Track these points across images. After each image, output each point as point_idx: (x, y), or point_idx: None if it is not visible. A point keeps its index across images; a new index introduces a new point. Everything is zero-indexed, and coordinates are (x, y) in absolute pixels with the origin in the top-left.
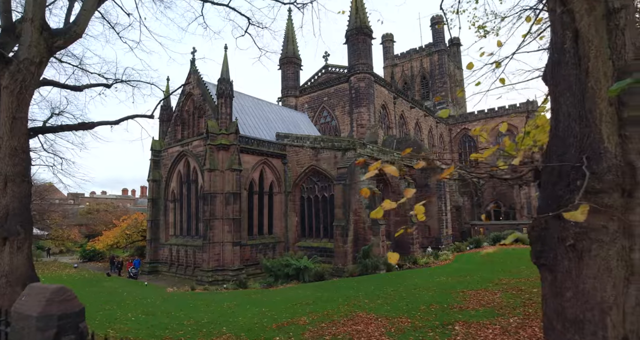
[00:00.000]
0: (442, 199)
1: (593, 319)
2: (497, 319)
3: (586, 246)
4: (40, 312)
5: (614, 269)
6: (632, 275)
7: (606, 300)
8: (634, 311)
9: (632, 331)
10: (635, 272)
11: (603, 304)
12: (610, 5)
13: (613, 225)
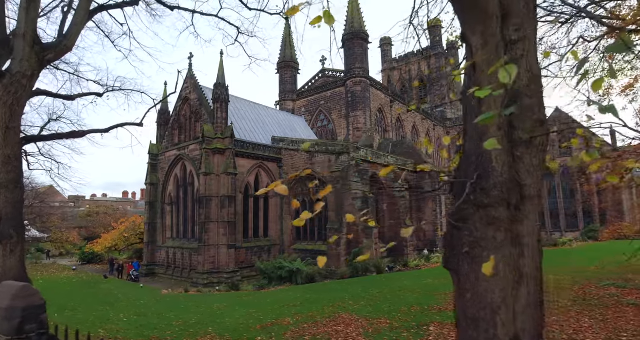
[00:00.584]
0: (437, 202)
1: (486, 317)
2: None
3: (478, 253)
4: (8, 305)
5: (501, 273)
6: (521, 279)
7: (495, 301)
8: (524, 311)
9: (523, 330)
10: (524, 276)
11: (493, 305)
12: (507, 38)
13: (500, 235)
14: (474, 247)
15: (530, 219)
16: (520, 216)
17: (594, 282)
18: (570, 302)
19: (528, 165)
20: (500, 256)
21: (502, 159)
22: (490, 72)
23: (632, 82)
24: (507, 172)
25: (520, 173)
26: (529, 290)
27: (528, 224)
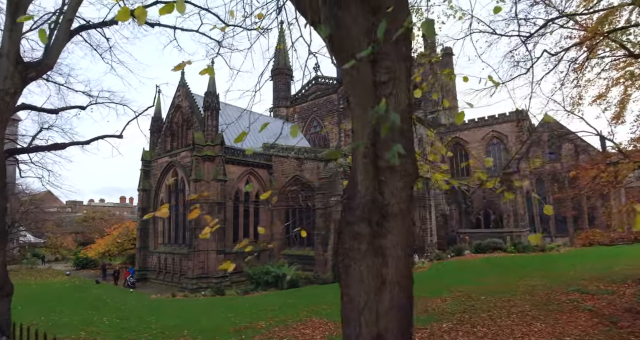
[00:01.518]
0: (426, 207)
1: (354, 318)
2: (432, 324)
3: (347, 262)
4: None
5: (365, 279)
6: (384, 285)
7: (360, 303)
8: (388, 313)
9: (386, 329)
10: (386, 282)
11: (359, 307)
12: (377, 79)
13: (363, 247)
14: (345, 257)
15: (395, 233)
16: (383, 231)
17: (563, 288)
18: (528, 306)
19: (392, 188)
20: (364, 265)
21: (365, 183)
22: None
23: (604, 92)
24: (370, 194)
25: (385, 195)
26: (392, 294)
27: (392, 238)
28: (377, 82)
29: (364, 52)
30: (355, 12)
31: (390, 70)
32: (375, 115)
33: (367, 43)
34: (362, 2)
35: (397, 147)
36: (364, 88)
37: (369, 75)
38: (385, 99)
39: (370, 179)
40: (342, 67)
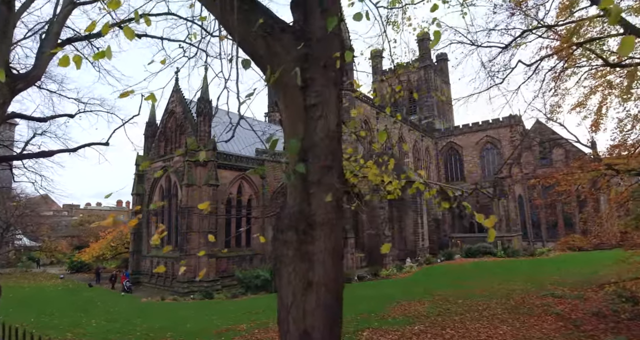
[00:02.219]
0: (418, 212)
1: (284, 316)
2: (406, 326)
3: (278, 266)
4: None
5: (292, 281)
6: (310, 286)
7: (288, 303)
8: (314, 312)
9: (312, 326)
10: (313, 284)
11: (287, 306)
12: (307, 102)
13: (291, 253)
14: (277, 261)
15: (322, 240)
16: (310, 239)
17: (540, 292)
18: (500, 310)
19: (319, 199)
20: (292, 269)
21: (293, 196)
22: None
23: (584, 100)
24: (298, 205)
25: (312, 206)
26: (319, 295)
27: (319, 244)
28: (307, 106)
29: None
30: (288, 42)
31: (320, 94)
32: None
33: (298, 70)
34: (293, 34)
35: (325, 162)
36: (295, 110)
37: (300, 99)
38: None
39: (299, 192)
40: (275, 92)
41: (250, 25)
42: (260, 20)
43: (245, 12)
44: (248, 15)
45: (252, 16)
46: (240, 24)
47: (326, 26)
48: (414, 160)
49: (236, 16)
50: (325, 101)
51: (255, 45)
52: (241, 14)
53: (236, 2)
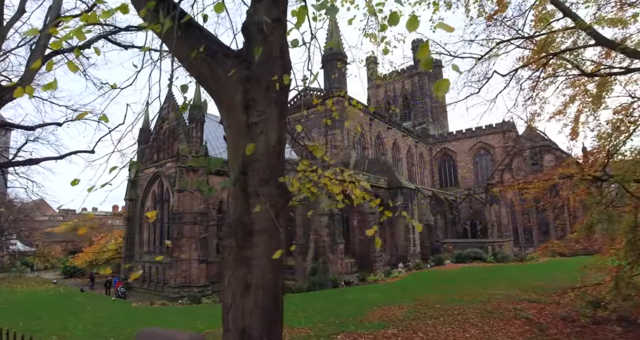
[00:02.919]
0: None
1: (224, 315)
2: (380, 330)
3: (221, 270)
4: None
5: (232, 284)
6: (248, 288)
7: (228, 303)
8: (252, 312)
9: (250, 325)
10: (251, 286)
11: (227, 306)
12: (250, 120)
13: (231, 257)
14: (221, 265)
15: (260, 246)
16: (248, 245)
17: (518, 296)
18: (474, 314)
19: (259, 210)
20: (231, 272)
21: (234, 205)
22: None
23: (563, 108)
24: (238, 214)
25: (252, 215)
26: (257, 297)
27: (257, 250)
28: (249, 124)
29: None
30: (231, 66)
31: (261, 113)
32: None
33: (241, 91)
34: (237, 58)
35: (263, 175)
36: (238, 128)
37: (243, 118)
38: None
39: (240, 203)
40: (220, 111)
41: (194, 51)
42: (202, 48)
43: (189, 40)
44: (192, 43)
45: (196, 43)
46: (185, 50)
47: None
48: (408, 165)
49: (175, 42)
50: (267, 120)
51: (200, 69)
52: (185, 41)
53: (176, 33)
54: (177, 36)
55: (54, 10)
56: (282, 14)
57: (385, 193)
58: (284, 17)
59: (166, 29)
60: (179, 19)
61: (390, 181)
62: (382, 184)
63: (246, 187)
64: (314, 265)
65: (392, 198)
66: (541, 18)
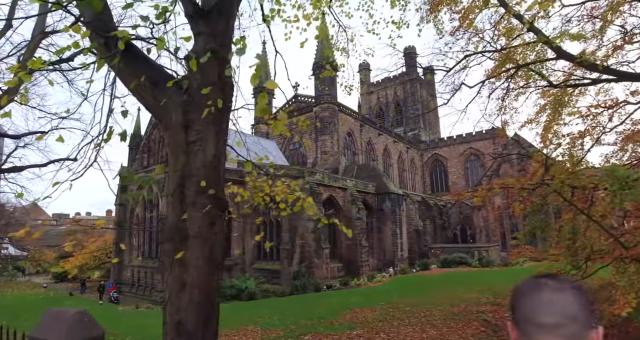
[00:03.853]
0: (397, 223)
1: (164, 310)
2: (346, 331)
3: (161, 270)
4: None
5: (169, 282)
6: (184, 287)
7: (166, 299)
8: (187, 307)
9: (186, 319)
10: (186, 285)
11: (166, 301)
12: (189, 139)
13: (169, 260)
14: (161, 266)
15: (196, 250)
16: (184, 248)
17: (490, 299)
18: (439, 316)
19: (194, 217)
20: (169, 272)
21: (172, 213)
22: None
23: (534, 117)
24: (175, 222)
25: (189, 222)
26: (191, 295)
27: (192, 253)
28: (188, 141)
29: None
30: (172, 92)
31: (199, 132)
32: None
33: (180, 113)
34: (177, 84)
35: (198, 187)
36: (178, 145)
37: (183, 136)
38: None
39: (177, 211)
40: (162, 130)
41: (139, 79)
42: (143, 77)
43: (135, 70)
44: (137, 73)
45: (141, 73)
46: (131, 79)
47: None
48: (400, 171)
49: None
50: (204, 138)
51: (144, 95)
52: (131, 72)
53: (122, 65)
54: (124, 67)
55: (38, 26)
56: (220, 46)
57: (374, 198)
58: (222, 48)
59: (114, 63)
60: (125, 50)
61: (379, 187)
62: (370, 189)
63: (183, 198)
64: (297, 269)
65: (380, 203)
66: (506, 32)
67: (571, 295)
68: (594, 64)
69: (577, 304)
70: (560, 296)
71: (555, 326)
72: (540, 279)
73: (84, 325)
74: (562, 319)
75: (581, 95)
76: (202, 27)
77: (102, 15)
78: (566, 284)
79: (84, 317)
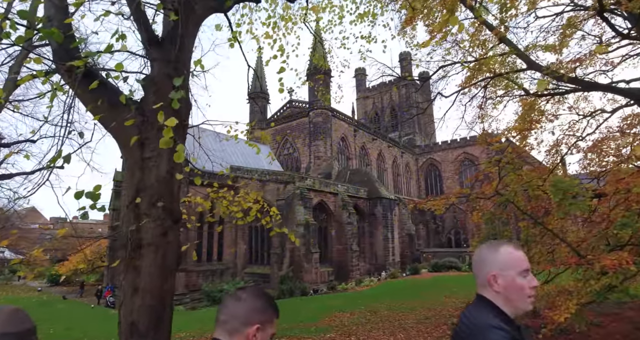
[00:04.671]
0: (388, 227)
1: (119, 310)
2: (320, 334)
3: (118, 276)
4: None
5: (124, 286)
6: (136, 291)
7: (121, 301)
8: (139, 309)
9: (138, 320)
10: (139, 289)
11: (120, 304)
12: (144, 155)
13: (123, 266)
14: (117, 269)
15: (149, 257)
16: (138, 256)
17: (462, 304)
18: (412, 320)
19: (147, 228)
20: (122, 277)
21: (126, 224)
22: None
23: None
24: (129, 231)
25: (142, 232)
26: (144, 299)
27: (146, 260)
28: (144, 158)
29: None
30: (126, 114)
31: (153, 149)
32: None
33: (137, 132)
34: (133, 105)
35: (151, 200)
36: (134, 161)
37: (138, 153)
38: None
39: (131, 221)
40: (120, 148)
41: (96, 102)
42: (99, 101)
43: (95, 94)
44: (97, 96)
45: (99, 96)
46: (89, 101)
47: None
48: (394, 176)
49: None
50: (159, 155)
51: (103, 116)
52: (88, 93)
53: (78, 90)
54: (84, 91)
55: None
56: (174, 70)
57: (365, 203)
58: (176, 72)
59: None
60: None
61: (370, 192)
62: (362, 194)
63: (138, 210)
64: (284, 273)
65: (372, 208)
66: (477, 44)
67: (242, 301)
68: (561, 74)
69: (241, 308)
70: (233, 302)
71: (223, 322)
72: (237, 290)
73: (17, 320)
74: (227, 317)
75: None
76: (156, 54)
77: (63, 44)
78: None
79: (18, 313)
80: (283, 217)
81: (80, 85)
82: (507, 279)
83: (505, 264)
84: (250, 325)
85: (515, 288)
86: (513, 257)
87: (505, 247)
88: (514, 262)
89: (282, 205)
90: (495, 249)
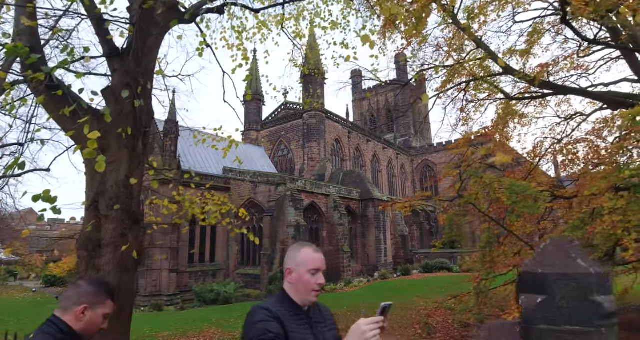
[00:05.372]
0: (380, 229)
1: None
2: None
3: (79, 276)
4: None
5: None
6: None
7: None
8: None
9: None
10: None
11: None
12: (106, 162)
13: (84, 266)
14: (78, 268)
15: (108, 256)
16: (97, 255)
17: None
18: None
19: (106, 229)
20: (85, 276)
21: (87, 225)
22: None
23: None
24: (89, 232)
25: (102, 233)
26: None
27: (105, 259)
28: (106, 163)
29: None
30: (91, 122)
31: (113, 155)
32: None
33: (97, 139)
34: (94, 115)
35: (110, 203)
36: (94, 167)
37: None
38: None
39: (92, 222)
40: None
41: (59, 111)
42: (61, 111)
43: (58, 103)
44: (59, 105)
45: (62, 105)
46: (53, 110)
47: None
48: (389, 177)
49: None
50: (118, 160)
51: (65, 123)
52: (52, 103)
53: (42, 99)
54: (49, 99)
55: None
56: (133, 80)
57: (358, 205)
58: (135, 82)
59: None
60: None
61: (363, 193)
62: (354, 196)
63: (98, 212)
64: (273, 274)
65: (364, 210)
66: (454, 49)
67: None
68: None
69: (74, 292)
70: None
71: (61, 301)
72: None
73: None
74: (63, 298)
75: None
76: (116, 65)
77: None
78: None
79: None
80: (274, 218)
81: (44, 95)
82: (299, 274)
83: (299, 262)
84: (79, 305)
85: (302, 282)
86: (308, 258)
87: (306, 248)
88: (307, 262)
89: (273, 207)
90: (298, 249)
